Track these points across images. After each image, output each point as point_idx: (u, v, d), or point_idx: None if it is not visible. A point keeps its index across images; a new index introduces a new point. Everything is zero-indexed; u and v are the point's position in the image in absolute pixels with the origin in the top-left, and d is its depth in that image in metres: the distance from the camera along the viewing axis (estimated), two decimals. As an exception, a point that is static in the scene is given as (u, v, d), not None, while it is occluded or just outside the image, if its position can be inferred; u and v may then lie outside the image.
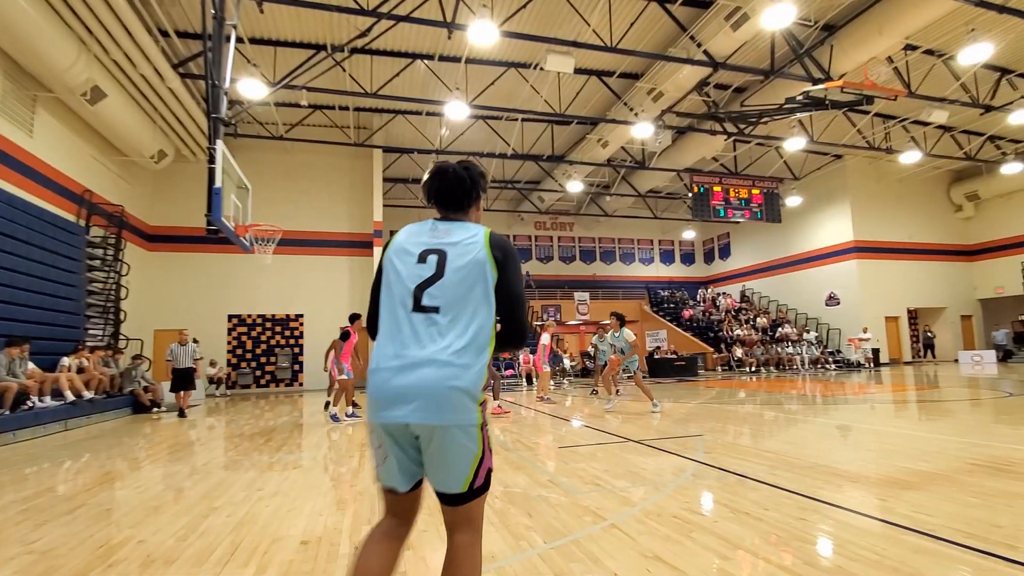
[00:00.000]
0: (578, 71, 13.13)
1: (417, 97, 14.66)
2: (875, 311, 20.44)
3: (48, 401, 8.52)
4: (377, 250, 18.05)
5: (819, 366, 19.64)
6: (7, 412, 7.43)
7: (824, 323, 21.61)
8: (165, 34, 11.62)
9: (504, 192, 23.94)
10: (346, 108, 16.40)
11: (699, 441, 5.81)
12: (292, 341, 17.38)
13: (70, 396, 8.98)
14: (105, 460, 6.00)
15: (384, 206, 19.00)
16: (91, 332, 11.87)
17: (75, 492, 4.46)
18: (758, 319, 22.78)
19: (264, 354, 17.14)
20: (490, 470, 1.58)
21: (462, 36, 11.31)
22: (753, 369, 19.33)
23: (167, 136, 14.75)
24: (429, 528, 3.21)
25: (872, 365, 19.18)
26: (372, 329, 1.69)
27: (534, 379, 17.43)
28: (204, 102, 12.53)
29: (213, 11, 7.74)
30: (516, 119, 16.53)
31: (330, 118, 16.75)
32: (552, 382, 15.88)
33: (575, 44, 11.31)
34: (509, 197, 24.84)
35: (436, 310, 1.55)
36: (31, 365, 8.52)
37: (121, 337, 13.26)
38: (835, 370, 18.73)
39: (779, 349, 20.45)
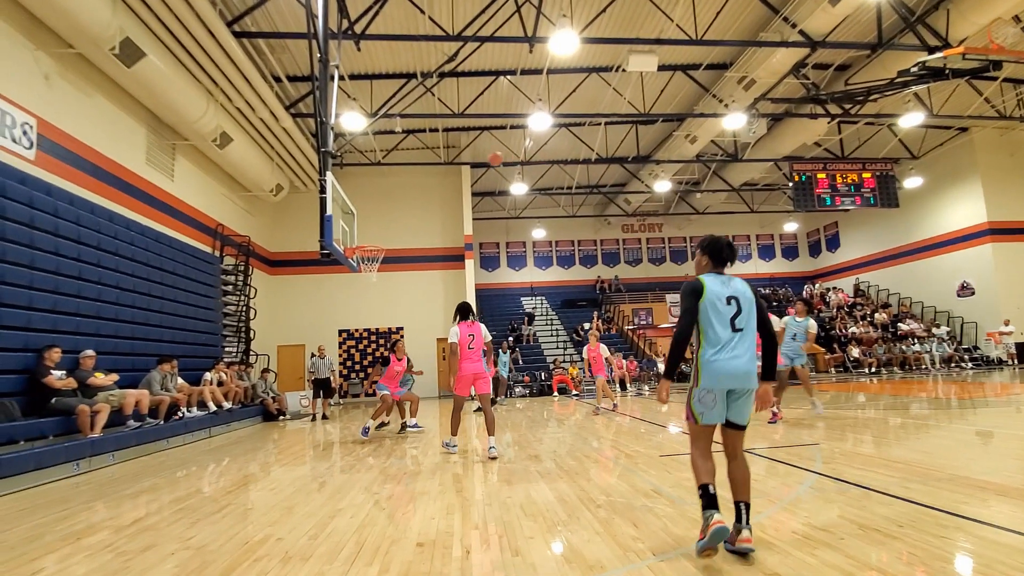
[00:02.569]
0: (662, 68, 12.84)
1: (501, 112, 15.04)
2: (1018, 300, 17.88)
3: (195, 411, 9.66)
4: (468, 262, 18.74)
5: (953, 365, 17.56)
6: (161, 422, 8.49)
7: (956, 316, 19.26)
8: (278, 79, 12.85)
9: (590, 197, 23.80)
10: (435, 130, 17.16)
11: (816, 450, 5.45)
12: (395, 352, 18.38)
13: (212, 407, 10.14)
14: (243, 464, 6.71)
15: (473, 219, 19.61)
16: (227, 349, 13.39)
17: (219, 493, 5.00)
18: (876, 314, 20.77)
19: (371, 365, 18.28)
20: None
21: (543, 48, 11.46)
22: (873, 370, 17.67)
23: (282, 171, 16.27)
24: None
25: (1016, 362, 16.85)
26: (686, 339, 2.92)
27: (628, 384, 17.10)
28: (313, 138, 13.71)
29: (319, 55, 8.48)
30: (599, 123, 16.44)
31: (421, 140, 17.62)
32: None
33: (658, 41, 11.08)
34: (595, 202, 24.65)
35: (742, 330, 2.84)
36: (180, 380, 9.68)
37: (251, 353, 14.76)
38: (972, 369, 16.64)
39: (903, 347, 18.52)
